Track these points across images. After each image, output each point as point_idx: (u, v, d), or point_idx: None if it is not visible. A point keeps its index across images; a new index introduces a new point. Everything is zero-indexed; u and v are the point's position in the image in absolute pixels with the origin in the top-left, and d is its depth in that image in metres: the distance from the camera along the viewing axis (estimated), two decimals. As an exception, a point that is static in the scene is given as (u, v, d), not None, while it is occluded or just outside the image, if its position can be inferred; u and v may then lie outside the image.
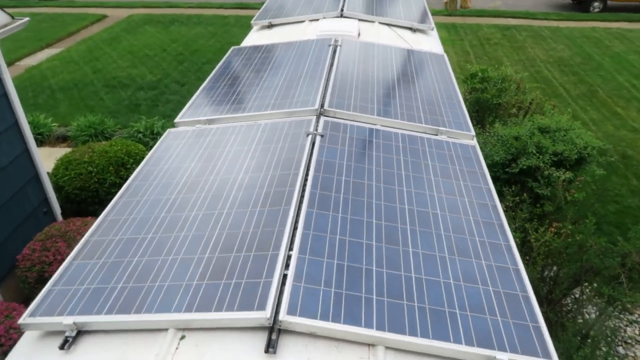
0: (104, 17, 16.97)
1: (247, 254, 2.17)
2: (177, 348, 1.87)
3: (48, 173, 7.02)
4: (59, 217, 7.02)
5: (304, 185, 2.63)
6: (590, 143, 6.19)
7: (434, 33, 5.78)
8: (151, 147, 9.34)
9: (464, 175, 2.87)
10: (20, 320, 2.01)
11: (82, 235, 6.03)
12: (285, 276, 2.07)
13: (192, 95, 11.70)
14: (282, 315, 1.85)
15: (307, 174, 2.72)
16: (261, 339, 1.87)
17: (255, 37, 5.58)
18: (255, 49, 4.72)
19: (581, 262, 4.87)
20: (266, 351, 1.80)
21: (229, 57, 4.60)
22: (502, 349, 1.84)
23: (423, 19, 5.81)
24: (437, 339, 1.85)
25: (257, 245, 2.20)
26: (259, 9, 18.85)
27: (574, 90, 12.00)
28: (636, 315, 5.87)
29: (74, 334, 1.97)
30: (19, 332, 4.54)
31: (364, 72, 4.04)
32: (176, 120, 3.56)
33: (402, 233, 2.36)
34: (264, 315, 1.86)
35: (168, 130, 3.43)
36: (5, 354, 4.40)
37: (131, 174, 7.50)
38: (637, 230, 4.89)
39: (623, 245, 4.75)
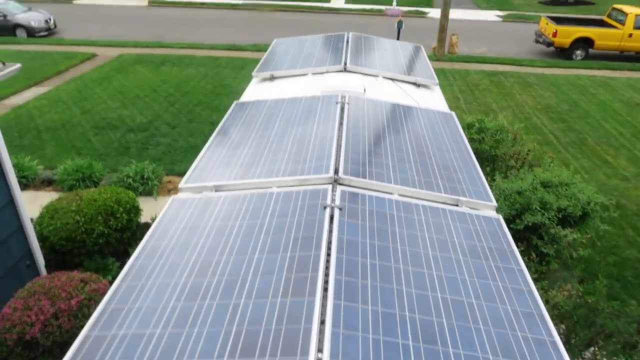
0: (94, 55, 16.88)
1: (271, 359, 1.93)
2: None
3: (31, 219, 6.68)
4: (43, 270, 6.64)
5: (327, 268, 2.42)
6: (592, 198, 6.13)
7: (438, 88, 5.74)
8: (141, 193, 9.07)
9: (492, 254, 2.70)
10: None
11: (68, 293, 5.68)
12: (316, 387, 1.83)
13: (183, 138, 11.51)
14: None
15: (328, 255, 2.52)
16: None
17: (256, 90, 5.47)
18: (259, 104, 4.59)
19: (594, 326, 4.69)
20: None
21: (233, 114, 4.45)
22: None
23: (426, 73, 5.77)
24: None
25: (282, 348, 1.97)
26: (250, 50, 18.93)
27: (564, 138, 12.14)
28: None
29: None
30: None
31: (374, 133, 3.91)
32: (181, 185, 3.35)
33: (439, 329, 2.15)
34: None
35: (172, 197, 3.21)
36: None
37: (120, 223, 7.22)
38: (651, 293, 4.74)
39: (638, 310, 4.60)
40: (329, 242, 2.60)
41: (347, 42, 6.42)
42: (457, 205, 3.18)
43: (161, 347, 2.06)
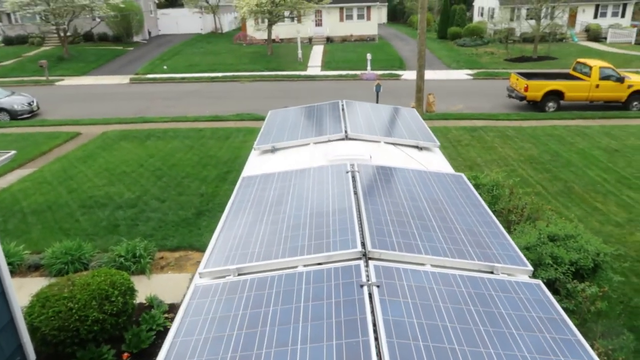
0: (78, 134, 16.85)
1: None
2: None
3: (21, 308, 6.28)
4: (34, 367, 6.17)
5: (378, 355, 2.25)
6: (601, 249, 6.11)
7: (438, 150, 5.79)
8: (133, 272, 8.71)
9: (545, 324, 2.56)
10: None
11: (63, 391, 5.25)
12: None
13: (173, 212, 11.28)
14: None
15: (376, 339, 2.35)
16: None
17: (259, 162, 5.41)
18: (268, 178, 4.51)
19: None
20: None
21: (242, 189, 4.35)
22: None
23: (426, 135, 5.83)
24: None
25: None
26: (233, 120, 19.22)
27: (551, 188, 12.32)
28: None
29: None
30: None
31: (392, 201, 3.84)
32: (201, 270, 3.18)
33: (514, 418, 1.97)
34: None
35: (195, 284, 3.03)
36: None
37: (115, 307, 6.85)
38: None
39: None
40: (374, 325, 2.43)
41: (343, 109, 6.51)
42: (492, 273, 3.07)
43: None
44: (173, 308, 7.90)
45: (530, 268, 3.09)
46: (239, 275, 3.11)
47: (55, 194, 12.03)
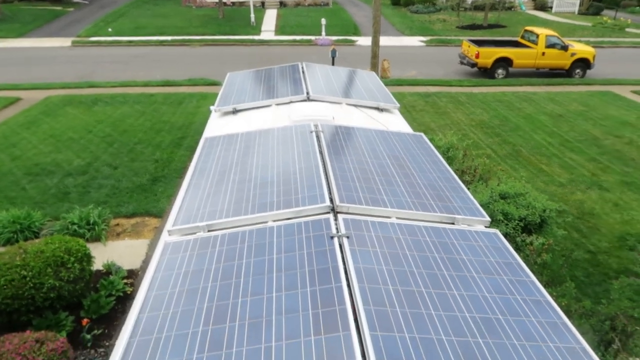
0: (18, 99, 15.88)
1: (323, 402, 1.83)
2: None
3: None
4: (-13, 336, 5.97)
5: (352, 298, 2.35)
6: (547, 206, 6.49)
7: (398, 111, 5.90)
8: (88, 240, 8.50)
9: (502, 268, 2.75)
10: None
11: (23, 356, 5.15)
12: None
13: (127, 178, 11.01)
14: None
15: (349, 286, 2.45)
16: None
17: (220, 124, 5.34)
18: (231, 138, 4.48)
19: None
20: None
21: (205, 149, 4.30)
22: None
23: (386, 98, 5.92)
24: None
25: (331, 389, 1.87)
26: (186, 85, 18.66)
27: (501, 151, 12.84)
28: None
29: None
30: None
31: (357, 159, 3.93)
32: (169, 228, 3.16)
33: (478, 349, 2.14)
34: None
35: (164, 241, 3.02)
36: None
37: (72, 274, 6.70)
38: (616, 291, 5.04)
39: (609, 308, 4.86)
40: (346, 273, 2.54)
41: (303, 71, 6.48)
42: (453, 224, 3.23)
43: (198, 406, 1.88)
44: (132, 274, 7.81)
45: (488, 219, 3.27)
46: (209, 231, 3.12)
47: (-3, 162, 11.40)
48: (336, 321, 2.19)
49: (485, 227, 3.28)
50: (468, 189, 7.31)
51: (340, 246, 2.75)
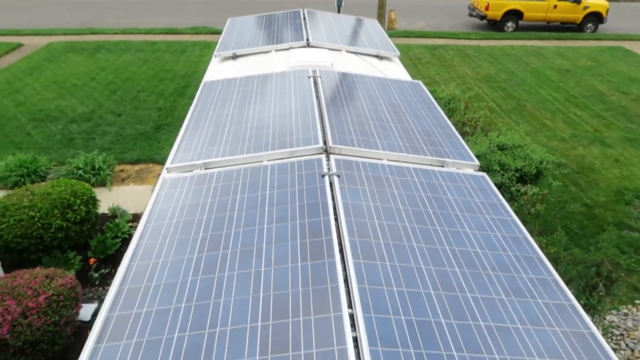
0: (20, 45, 15.75)
1: (305, 318, 1.99)
2: None
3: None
4: (0, 271, 6.26)
5: (339, 231, 2.49)
6: (544, 158, 6.56)
7: (398, 60, 5.88)
8: (94, 185, 8.69)
9: (486, 208, 2.86)
10: None
11: (34, 290, 5.41)
12: (355, 339, 1.91)
13: (130, 126, 11.11)
14: (373, 388, 1.70)
15: (336, 219, 2.58)
16: (351, 418, 1.70)
17: (221, 69, 5.37)
18: (230, 82, 4.52)
19: (558, 273, 5.06)
20: None
21: (204, 93, 4.36)
22: (592, 395, 1.81)
23: (386, 46, 5.88)
24: (530, 392, 1.78)
25: (314, 307, 2.03)
26: (189, 33, 18.39)
27: (505, 105, 12.76)
28: (614, 317, 6.18)
29: None
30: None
31: (352, 104, 3.98)
32: (168, 165, 3.28)
33: (454, 277, 2.29)
34: (352, 391, 1.69)
35: (162, 177, 3.14)
36: None
37: (79, 216, 6.93)
38: (605, 239, 5.19)
39: (596, 255, 5.02)
40: (335, 208, 2.66)
41: (304, 18, 6.41)
42: (443, 167, 3.33)
43: (191, 319, 2.05)
44: (137, 218, 8.03)
45: (477, 163, 3.37)
46: (205, 169, 3.24)
47: (2, 107, 11.48)
48: (322, 250, 2.33)
49: (475, 170, 3.38)
50: (467, 141, 7.37)
51: (331, 184, 2.87)
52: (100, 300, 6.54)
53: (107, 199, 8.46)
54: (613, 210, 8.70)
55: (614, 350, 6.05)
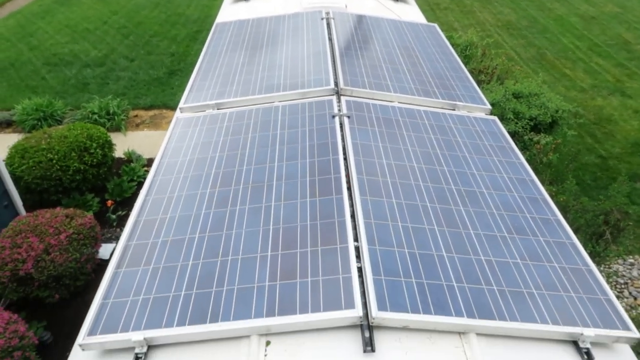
0: (31, -13, 15.51)
1: (313, 249, 2.08)
2: (265, 355, 1.78)
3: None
4: (22, 211, 6.49)
5: (347, 169, 2.55)
6: (560, 106, 6.45)
7: (413, 2, 5.72)
8: (109, 129, 8.80)
9: (495, 150, 2.88)
10: (80, 341, 1.84)
11: (55, 228, 5.63)
12: (360, 269, 2.00)
13: (143, 71, 11.08)
14: (375, 312, 1.80)
15: (346, 158, 2.63)
16: (354, 338, 1.82)
17: (232, 10, 5.29)
18: (242, 24, 4.47)
19: (566, 221, 5.11)
20: (365, 350, 1.76)
21: (216, 34, 4.33)
22: (585, 324, 1.90)
23: (403, -13, 5.71)
24: (525, 320, 1.87)
25: (321, 239, 2.12)
26: (202, -24, 17.73)
27: (524, 54, 12.40)
28: (619, 266, 6.27)
29: (144, 349, 1.83)
30: (4, 336, 4.21)
31: (365, 46, 3.94)
32: (181, 105, 3.32)
33: (458, 215, 2.35)
34: (355, 314, 1.80)
35: (176, 117, 3.20)
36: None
37: (95, 159, 7.08)
38: (615, 188, 5.19)
39: (605, 204, 5.03)
40: (344, 147, 2.70)
41: (319, -43, 6.19)
42: (454, 110, 3.32)
43: (204, 249, 2.16)
44: (152, 163, 8.16)
45: (489, 106, 3.35)
46: (218, 109, 3.28)
47: (16, 51, 11.48)
48: (330, 186, 2.40)
49: (486, 114, 3.37)
50: (483, 89, 7.25)
51: (341, 125, 2.90)
52: (119, 241, 6.80)
53: (122, 144, 8.58)
54: (628, 162, 8.60)
55: (617, 298, 6.17)
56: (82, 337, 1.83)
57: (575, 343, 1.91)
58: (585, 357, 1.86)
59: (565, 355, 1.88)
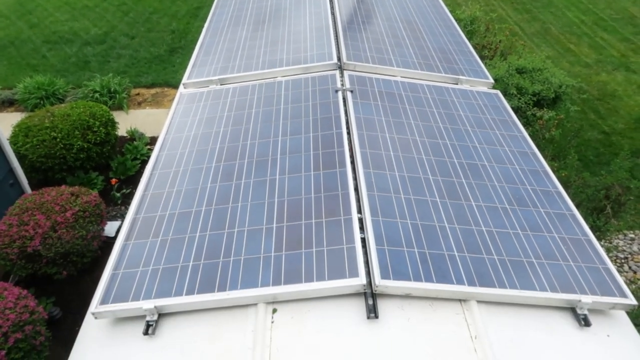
0: (28, -37, 15.28)
1: (317, 220, 2.13)
2: (272, 322, 1.84)
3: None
4: (28, 189, 6.55)
5: (350, 143, 2.57)
6: (564, 82, 6.42)
7: (417, -25, 5.63)
8: (111, 108, 8.80)
9: (497, 124, 2.90)
10: (93, 309, 1.90)
11: (61, 206, 5.70)
12: (363, 240, 2.05)
13: (144, 49, 11.00)
14: (378, 280, 1.85)
15: (349, 132, 2.66)
16: (357, 305, 1.87)
17: (234, -15, 5.22)
18: (244, -2, 4.44)
19: (568, 196, 5.14)
20: (369, 317, 1.81)
21: (218, 9, 4.30)
22: (582, 292, 1.95)
23: (406, -40, 5.62)
24: (524, 288, 1.92)
25: (325, 211, 2.16)
26: (201, -49, 17.41)
27: (529, 28, 12.26)
28: (620, 241, 6.32)
29: (155, 317, 1.89)
30: (14, 311, 4.31)
31: (367, 20, 3.91)
32: (184, 81, 3.33)
33: (460, 187, 2.38)
34: (359, 282, 1.85)
35: (179, 92, 3.21)
36: (4, 335, 4.18)
37: (99, 137, 7.11)
38: (617, 163, 5.20)
39: (607, 179, 5.05)
40: (347, 121, 2.72)
41: None
42: (457, 84, 3.33)
43: (211, 221, 2.21)
44: (154, 141, 8.18)
45: (491, 80, 3.35)
46: (221, 85, 3.29)
47: (16, 29, 11.41)
48: (334, 160, 2.43)
49: (489, 88, 3.37)
50: (486, 64, 7.20)
51: (344, 99, 2.91)
52: (124, 218, 6.87)
53: (125, 122, 8.59)
54: (631, 137, 8.58)
55: (618, 272, 6.25)
56: (94, 306, 1.89)
57: (573, 310, 1.96)
58: (583, 323, 1.91)
59: (563, 322, 1.93)
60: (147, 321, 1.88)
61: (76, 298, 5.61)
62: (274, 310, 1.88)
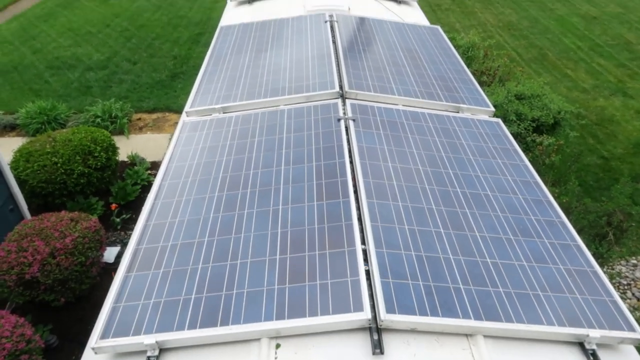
0: (33, -10, 15.58)
1: (321, 252, 2.11)
2: (276, 357, 1.81)
3: (7, 166, 6.47)
4: (27, 214, 6.53)
5: (353, 172, 2.57)
6: (563, 107, 6.48)
7: (416, 4, 5.75)
8: (112, 132, 8.84)
9: (499, 153, 2.91)
10: (93, 344, 1.86)
11: (60, 232, 5.66)
12: (367, 272, 2.03)
13: (146, 74, 11.12)
14: (383, 315, 1.82)
15: (351, 162, 2.66)
16: (362, 340, 1.84)
17: (236, 14, 5.32)
18: (246, 27, 4.51)
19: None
20: (374, 352, 1.78)
21: (221, 38, 4.36)
22: (590, 326, 1.92)
23: (405, -10, 5.74)
24: (531, 322, 1.89)
25: (329, 242, 2.14)
26: (204, -21, 17.78)
27: (526, 54, 12.43)
28: (623, 267, 6.28)
29: (156, 353, 1.85)
30: (11, 340, 4.24)
31: (369, 49, 3.96)
32: (187, 109, 3.35)
33: (464, 218, 2.37)
34: (364, 317, 1.82)
35: (182, 120, 3.23)
36: (0, 365, 4.11)
37: (99, 162, 7.11)
38: (617, 189, 5.20)
39: (608, 205, 5.05)
40: (350, 150, 2.73)
41: (321, -40, 6.22)
42: (458, 112, 3.35)
43: (213, 252, 2.19)
44: (155, 166, 8.20)
45: (492, 109, 3.37)
46: (224, 113, 3.30)
47: (19, 54, 11.55)
48: (337, 190, 2.42)
49: (490, 116, 3.39)
50: (485, 90, 7.27)
51: (346, 128, 2.92)
52: (123, 244, 6.82)
53: (126, 147, 8.62)
54: (630, 163, 8.61)
55: (620, 299, 6.18)
56: (94, 341, 1.85)
57: (581, 344, 1.93)
58: (592, 358, 1.88)
59: (572, 357, 1.90)
60: (148, 357, 1.85)
61: (74, 325, 5.53)
62: (277, 346, 1.85)
